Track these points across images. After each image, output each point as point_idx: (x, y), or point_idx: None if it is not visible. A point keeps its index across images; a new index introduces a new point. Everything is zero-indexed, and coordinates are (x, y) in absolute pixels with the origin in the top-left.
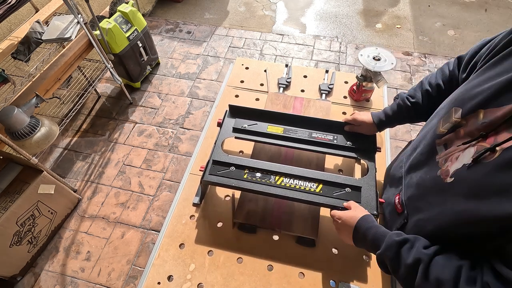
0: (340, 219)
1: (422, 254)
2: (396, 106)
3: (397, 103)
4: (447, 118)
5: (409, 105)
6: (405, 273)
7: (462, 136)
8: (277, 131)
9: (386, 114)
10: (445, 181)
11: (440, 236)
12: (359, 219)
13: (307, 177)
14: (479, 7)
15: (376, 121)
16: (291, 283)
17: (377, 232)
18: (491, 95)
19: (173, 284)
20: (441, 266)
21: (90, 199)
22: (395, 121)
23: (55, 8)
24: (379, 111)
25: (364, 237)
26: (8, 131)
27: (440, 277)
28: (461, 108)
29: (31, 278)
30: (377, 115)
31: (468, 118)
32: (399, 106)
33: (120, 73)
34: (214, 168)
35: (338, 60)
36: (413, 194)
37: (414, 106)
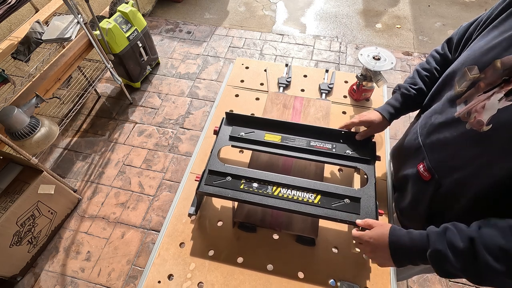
0: (371, 238)
1: (470, 232)
2: (401, 96)
3: (401, 93)
4: (462, 78)
5: (414, 93)
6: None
7: (483, 88)
8: (275, 139)
9: (393, 106)
10: (481, 131)
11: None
12: (390, 233)
13: (305, 187)
14: (479, 7)
15: (387, 116)
16: (291, 282)
17: (412, 236)
18: (505, 46)
19: (173, 283)
20: (495, 235)
21: (90, 199)
22: (404, 111)
23: (55, 8)
24: (383, 106)
25: (402, 248)
26: (8, 131)
27: (502, 245)
28: (476, 65)
29: (31, 278)
30: (385, 109)
31: (486, 70)
32: (404, 95)
33: (120, 73)
34: (210, 178)
35: (338, 60)
36: (442, 155)
37: (419, 93)
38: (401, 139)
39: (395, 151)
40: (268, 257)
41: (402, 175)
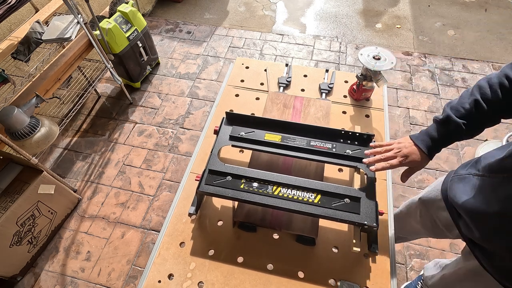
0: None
1: None
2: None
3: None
4: None
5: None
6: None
7: None
8: (275, 139)
9: (436, 142)
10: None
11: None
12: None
13: (305, 187)
14: (479, 7)
15: (429, 154)
16: (291, 281)
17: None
18: None
19: (173, 283)
20: None
21: (90, 199)
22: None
23: (55, 8)
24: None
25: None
26: (8, 131)
27: None
28: None
29: (31, 278)
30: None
31: None
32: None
33: (120, 73)
34: (210, 177)
35: (338, 60)
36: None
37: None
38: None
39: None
40: (268, 256)
41: None
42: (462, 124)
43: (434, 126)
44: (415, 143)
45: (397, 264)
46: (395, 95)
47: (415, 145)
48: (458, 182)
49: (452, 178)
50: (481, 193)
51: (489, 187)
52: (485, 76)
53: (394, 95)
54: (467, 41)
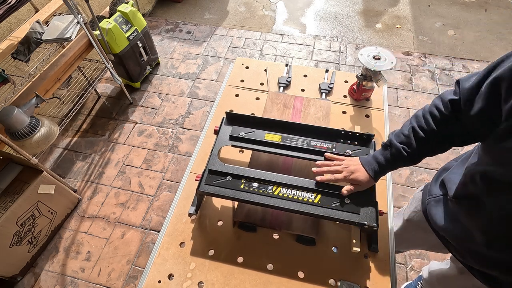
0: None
1: None
2: (391, 156)
3: (391, 153)
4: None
5: (405, 156)
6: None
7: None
8: (275, 139)
9: (380, 164)
10: None
11: None
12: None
13: (305, 187)
14: (479, 7)
15: (373, 175)
16: (291, 281)
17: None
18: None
19: (173, 283)
20: None
21: (90, 199)
22: (389, 170)
23: (55, 8)
24: (370, 160)
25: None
26: (8, 131)
27: None
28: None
29: (31, 278)
30: (371, 167)
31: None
32: (394, 156)
33: (120, 73)
34: (210, 177)
35: (338, 60)
36: None
37: (410, 156)
38: None
39: None
40: (268, 256)
41: None
42: (401, 149)
43: (380, 150)
44: (362, 164)
45: (397, 264)
46: (395, 95)
47: (363, 166)
48: (435, 205)
49: (428, 201)
50: (457, 219)
51: (462, 214)
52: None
53: (394, 95)
54: (467, 41)
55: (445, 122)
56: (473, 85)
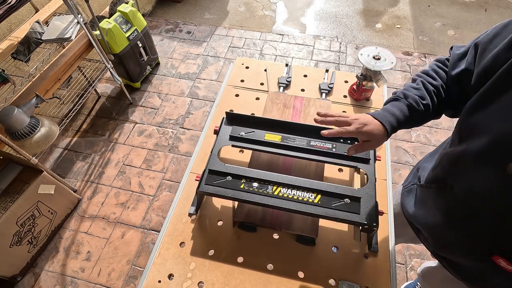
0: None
1: None
2: (408, 109)
3: (407, 105)
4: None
5: (422, 109)
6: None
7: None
8: (275, 139)
9: (397, 118)
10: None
11: None
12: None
13: (305, 187)
14: (479, 7)
15: (389, 129)
16: (291, 281)
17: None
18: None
19: (173, 283)
20: None
21: (90, 199)
22: (406, 126)
23: (55, 8)
24: (384, 114)
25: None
26: (8, 131)
27: None
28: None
29: (31, 278)
30: (388, 121)
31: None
32: (413, 109)
33: (120, 73)
34: (210, 177)
35: (338, 60)
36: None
37: (426, 110)
38: None
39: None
40: (268, 256)
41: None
42: (418, 98)
43: (393, 103)
44: (375, 117)
45: (397, 264)
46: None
47: (375, 119)
48: (407, 195)
49: (402, 192)
50: (426, 205)
51: (430, 198)
52: None
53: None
54: (467, 41)
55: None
56: (462, 52)
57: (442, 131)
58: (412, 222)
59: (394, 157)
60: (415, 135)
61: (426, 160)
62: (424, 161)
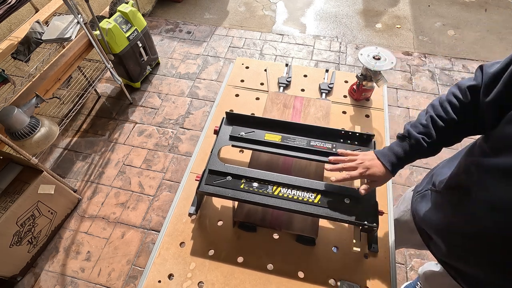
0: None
1: None
2: (410, 147)
3: (410, 144)
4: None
5: (425, 146)
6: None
7: None
8: (275, 139)
9: (398, 157)
10: None
11: None
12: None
13: (305, 187)
14: (479, 7)
15: (391, 169)
16: (291, 281)
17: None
18: None
19: (173, 283)
20: None
21: (90, 199)
22: (407, 163)
23: (55, 8)
24: (386, 152)
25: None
26: (8, 131)
27: None
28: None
29: (31, 278)
30: (388, 160)
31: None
32: (414, 147)
33: (120, 73)
34: (210, 177)
35: (338, 60)
36: None
37: (430, 146)
38: None
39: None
40: (268, 256)
41: None
42: (421, 139)
43: (397, 142)
44: (378, 157)
45: (397, 264)
46: (395, 95)
47: (378, 160)
48: (420, 201)
49: (415, 198)
50: (443, 211)
51: (449, 204)
52: (438, 96)
53: (394, 95)
54: (467, 41)
55: (464, 111)
56: (497, 70)
57: None
58: (424, 228)
59: None
60: None
61: (443, 166)
62: (441, 167)
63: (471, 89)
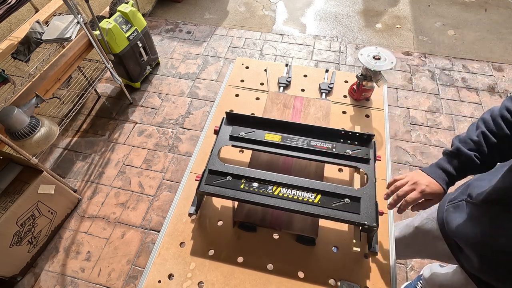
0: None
1: None
2: (460, 164)
3: (460, 161)
4: None
5: (477, 164)
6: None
7: None
8: (275, 139)
9: (449, 175)
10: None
11: None
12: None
13: (305, 187)
14: (479, 7)
15: (446, 187)
16: (291, 281)
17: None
18: None
19: (173, 283)
20: None
21: (90, 199)
22: (458, 180)
23: (55, 8)
24: (437, 171)
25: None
26: (8, 131)
27: None
28: None
29: (31, 278)
30: (442, 179)
31: None
32: (465, 165)
33: (120, 73)
34: (210, 177)
35: (338, 60)
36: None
37: (482, 164)
38: None
39: None
40: (268, 256)
41: None
42: (473, 156)
43: (445, 159)
44: (430, 175)
45: (397, 264)
46: (395, 95)
47: (430, 177)
48: (453, 211)
49: (447, 207)
50: (480, 224)
51: (486, 218)
52: (488, 109)
53: (394, 95)
54: (467, 41)
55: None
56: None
57: (442, 131)
58: (455, 239)
59: (394, 157)
60: (415, 135)
61: (481, 179)
62: (478, 179)
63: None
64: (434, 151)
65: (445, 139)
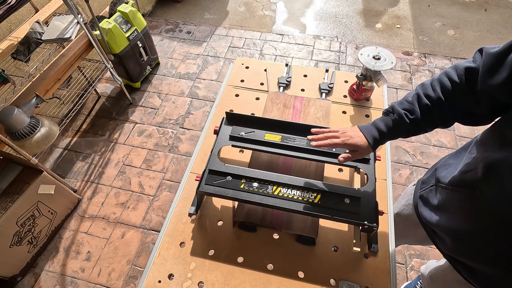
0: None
1: None
2: (392, 122)
3: (392, 119)
4: None
5: (407, 122)
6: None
7: None
8: (275, 139)
9: (380, 131)
10: None
11: None
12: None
13: (306, 187)
14: (479, 7)
15: (372, 142)
16: (291, 281)
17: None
18: None
19: (173, 283)
20: None
21: (90, 199)
22: (389, 138)
23: (55, 8)
24: (369, 126)
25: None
26: (8, 131)
27: None
28: None
29: (31, 278)
30: (370, 134)
31: None
32: (396, 122)
33: (120, 73)
34: (210, 177)
35: (338, 60)
36: None
37: (413, 123)
38: None
39: None
40: (268, 256)
41: None
42: (404, 115)
43: (381, 118)
44: (361, 131)
45: (397, 264)
46: (395, 95)
47: (361, 132)
48: (426, 197)
49: (420, 194)
50: (449, 208)
51: (455, 202)
52: None
53: (394, 95)
54: (467, 41)
55: (454, 92)
56: (499, 52)
57: (442, 131)
58: (428, 224)
59: (394, 157)
60: None
61: (446, 161)
62: (445, 162)
63: (468, 70)
64: (434, 151)
65: (445, 139)
